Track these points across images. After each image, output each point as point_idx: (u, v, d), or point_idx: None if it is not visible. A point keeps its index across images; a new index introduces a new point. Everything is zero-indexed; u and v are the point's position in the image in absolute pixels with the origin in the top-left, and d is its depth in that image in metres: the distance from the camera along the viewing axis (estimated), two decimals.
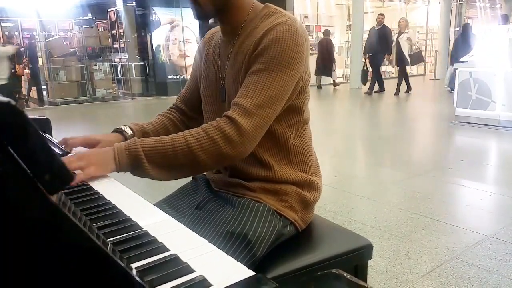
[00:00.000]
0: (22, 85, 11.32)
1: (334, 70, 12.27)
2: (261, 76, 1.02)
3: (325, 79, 13.78)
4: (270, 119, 1.04)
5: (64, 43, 10.91)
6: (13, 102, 0.38)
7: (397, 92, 10.01)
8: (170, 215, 0.80)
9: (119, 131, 1.25)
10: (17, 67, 10.58)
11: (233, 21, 1.14)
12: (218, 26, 1.22)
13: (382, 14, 10.23)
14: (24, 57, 11.06)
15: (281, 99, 1.04)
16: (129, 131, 1.25)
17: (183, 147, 0.97)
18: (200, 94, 1.30)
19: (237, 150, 0.99)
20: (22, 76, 11.17)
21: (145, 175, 0.98)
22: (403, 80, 10.17)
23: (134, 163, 0.96)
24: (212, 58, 1.23)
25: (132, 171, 0.98)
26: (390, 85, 10.83)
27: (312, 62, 10.89)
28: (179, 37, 11.31)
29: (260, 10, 1.13)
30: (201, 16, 1.11)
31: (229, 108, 1.16)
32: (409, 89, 10.28)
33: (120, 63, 11.78)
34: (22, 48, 10.91)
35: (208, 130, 0.99)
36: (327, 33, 12.28)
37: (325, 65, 11.86)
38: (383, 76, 11.75)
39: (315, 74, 12.02)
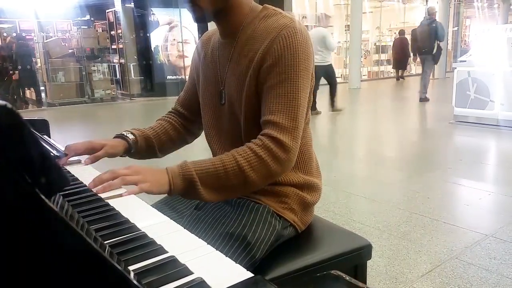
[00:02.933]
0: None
1: (408, 64, 14.99)
2: (283, 88, 1.02)
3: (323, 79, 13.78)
4: (303, 126, 1.07)
5: (63, 44, 10.89)
6: (9, 105, 0.38)
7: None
8: (168, 216, 0.80)
9: (121, 136, 1.25)
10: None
11: (232, 23, 1.13)
12: (216, 28, 1.22)
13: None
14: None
15: (306, 103, 1.07)
16: (131, 136, 1.25)
17: (234, 168, 0.98)
18: (198, 96, 1.30)
19: (284, 166, 1.02)
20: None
21: (198, 198, 0.98)
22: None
23: (188, 187, 0.96)
24: (210, 60, 1.22)
25: (185, 195, 0.99)
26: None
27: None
28: (178, 37, 11.31)
29: (259, 11, 1.13)
30: (200, 18, 1.11)
31: (229, 111, 1.16)
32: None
33: (119, 64, 11.77)
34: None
35: (255, 150, 0.99)
36: (402, 32, 14.20)
37: (401, 59, 14.03)
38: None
39: (393, 68, 15.09)
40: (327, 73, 7.08)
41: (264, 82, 1.05)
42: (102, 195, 0.88)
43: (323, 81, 7.19)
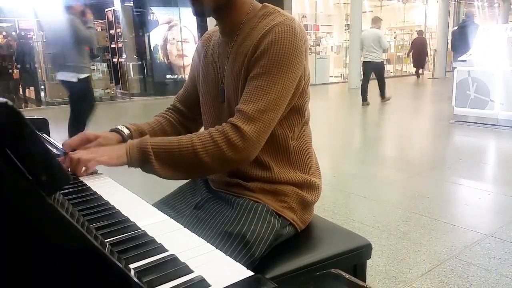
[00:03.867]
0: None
1: (426, 63, 15.99)
2: (261, 80, 1.02)
3: (323, 78, 13.80)
4: (273, 123, 1.05)
5: None
6: (10, 103, 0.38)
7: None
8: (168, 215, 0.80)
9: (116, 130, 1.25)
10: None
11: (232, 21, 1.13)
12: (217, 26, 1.22)
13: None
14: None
15: (283, 102, 1.05)
16: (126, 131, 1.25)
17: (188, 148, 1.00)
18: (198, 94, 1.30)
19: (240, 155, 1.01)
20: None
21: (153, 172, 1.01)
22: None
23: (143, 159, 1.00)
24: (211, 58, 1.22)
25: (141, 167, 1.02)
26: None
27: None
28: (177, 36, 11.30)
29: (258, 10, 1.13)
30: (200, 12, 1.11)
31: (228, 109, 1.16)
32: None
33: (118, 63, 11.76)
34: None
35: (213, 134, 1.01)
36: (420, 33, 15.10)
37: (420, 58, 15.01)
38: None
39: (413, 66, 15.84)
40: (378, 69, 8.05)
41: (249, 74, 1.06)
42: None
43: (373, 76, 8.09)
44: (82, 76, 4.29)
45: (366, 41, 7.92)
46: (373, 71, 8.02)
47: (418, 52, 15.01)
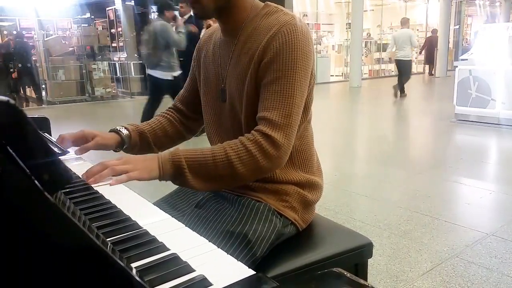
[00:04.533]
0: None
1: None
2: (279, 85, 1.02)
3: (324, 77, 13.79)
4: (297, 124, 1.06)
5: (63, 42, 10.88)
6: (12, 102, 0.38)
7: None
8: (169, 214, 0.80)
9: (115, 131, 1.25)
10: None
11: (234, 20, 1.13)
12: (217, 25, 1.22)
13: None
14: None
15: (303, 102, 1.06)
16: (125, 131, 1.25)
17: (223, 159, 0.99)
18: (198, 94, 1.30)
19: (274, 163, 1.02)
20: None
21: (186, 185, 1.01)
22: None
23: (177, 173, 0.99)
24: (212, 58, 1.22)
25: (174, 180, 1.01)
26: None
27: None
28: None
29: (260, 9, 1.12)
30: (202, 15, 1.11)
31: (230, 109, 1.15)
32: None
33: (119, 62, 11.76)
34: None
35: (246, 144, 1.00)
36: (435, 31, 15.30)
37: (431, 56, 15.44)
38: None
39: (424, 64, 16.58)
40: (406, 66, 8.76)
41: (262, 79, 1.05)
42: (94, 185, 0.92)
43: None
44: (176, 74, 4.98)
45: (398, 40, 8.61)
46: (402, 68, 8.76)
47: (429, 50, 15.47)
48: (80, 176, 0.97)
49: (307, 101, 1.13)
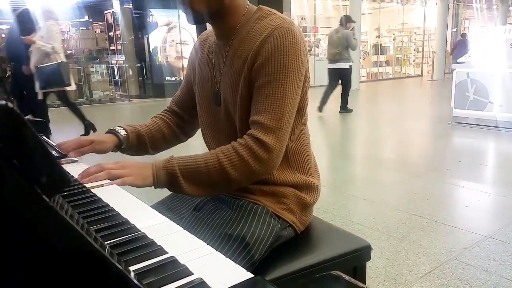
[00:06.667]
0: None
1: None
2: (271, 88, 1.02)
3: (322, 80, 13.79)
4: (290, 127, 1.06)
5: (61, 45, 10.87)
6: (10, 105, 0.38)
7: None
8: (167, 217, 0.80)
9: (112, 132, 1.26)
10: None
11: (227, 24, 1.13)
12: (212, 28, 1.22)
13: None
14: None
15: (295, 105, 1.06)
16: (122, 132, 1.26)
17: (215, 165, 1.01)
18: (194, 97, 1.30)
19: (266, 166, 1.02)
20: None
21: (181, 192, 1.03)
22: None
23: (171, 181, 1.01)
24: (206, 61, 1.22)
25: (169, 188, 1.03)
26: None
27: None
28: (176, 38, 11.31)
29: (253, 12, 1.13)
30: (195, 20, 1.11)
31: (225, 112, 1.16)
32: None
33: (117, 65, 11.77)
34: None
35: (238, 149, 1.01)
36: (464, 35, 15.29)
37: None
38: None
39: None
40: None
41: (254, 82, 1.06)
42: (87, 184, 0.94)
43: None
44: (351, 63, 7.38)
45: None
46: None
47: (462, 53, 15.71)
48: (83, 183, 0.97)
49: (302, 103, 1.13)
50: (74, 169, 1.10)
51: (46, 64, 5.25)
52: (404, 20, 18.89)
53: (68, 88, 5.61)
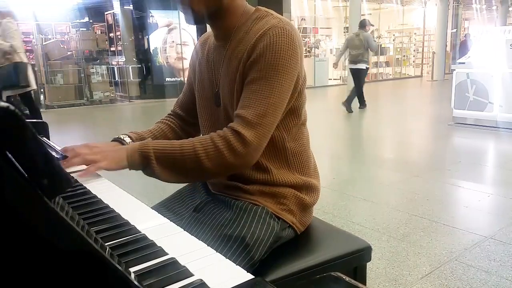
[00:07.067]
0: None
1: None
2: (259, 85, 1.02)
3: (322, 81, 13.82)
4: (273, 126, 1.05)
5: (61, 46, 10.89)
6: (11, 107, 0.38)
7: None
8: (167, 218, 0.80)
9: (118, 140, 1.25)
10: None
11: (225, 25, 1.13)
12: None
13: None
14: None
15: (281, 105, 1.05)
16: (128, 140, 1.25)
17: (190, 152, 1.01)
18: (195, 98, 1.30)
19: (242, 160, 1.02)
20: None
21: (154, 176, 1.03)
22: None
23: (144, 163, 1.01)
24: (206, 62, 1.23)
25: (143, 171, 1.03)
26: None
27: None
28: (177, 39, 11.32)
29: (251, 13, 1.13)
30: (194, 20, 1.12)
31: (224, 113, 1.16)
32: None
33: (118, 66, 11.77)
34: None
35: (215, 139, 1.02)
36: (468, 36, 15.60)
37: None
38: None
39: None
40: None
41: (246, 78, 1.06)
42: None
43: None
44: (368, 66, 7.86)
45: None
46: None
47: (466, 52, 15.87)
48: (83, 185, 0.97)
49: (297, 104, 1.13)
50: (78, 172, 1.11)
51: (2, 65, 5.04)
52: (404, 20, 18.92)
53: (28, 89, 5.35)
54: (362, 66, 7.69)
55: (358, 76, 7.84)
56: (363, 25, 7.77)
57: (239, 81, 1.08)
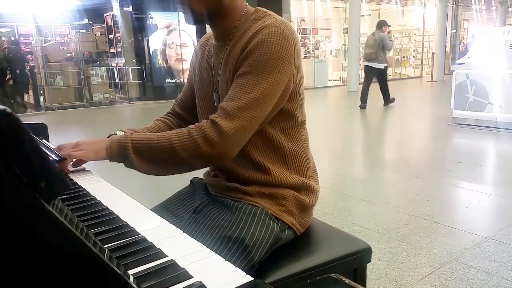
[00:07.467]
0: None
1: None
2: (245, 79, 1.02)
3: (322, 82, 13.83)
4: (255, 121, 1.03)
5: (61, 48, 10.89)
6: (9, 110, 0.38)
7: None
8: (167, 220, 0.80)
9: (113, 135, 1.25)
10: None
11: (225, 26, 1.14)
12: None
13: None
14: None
15: (266, 102, 1.03)
16: (121, 134, 1.25)
17: (165, 143, 1.01)
18: (195, 98, 1.30)
19: (216, 150, 1.00)
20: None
21: (133, 167, 1.04)
22: None
23: (122, 154, 1.03)
24: (206, 63, 1.23)
25: (123, 162, 1.05)
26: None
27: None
28: (176, 41, 11.32)
29: (250, 14, 1.13)
30: (194, 20, 1.12)
31: None
32: None
33: (117, 67, 11.78)
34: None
35: (191, 130, 1.02)
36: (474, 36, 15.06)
37: None
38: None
39: None
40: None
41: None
42: None
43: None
44: (386, 65, 8.22)
45: None
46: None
47: None
48: (82, 187, 0.97)
49: (291, 107, 1.12)
50: (80, 177, 1.11)
51: None
52: (403, 21, 18.92)
53: None
54: (380, 66, 8.10)
55: (379, 76, 8.37)
56: (380, 25, 8.20)
57: (233, 78, 1.09)
